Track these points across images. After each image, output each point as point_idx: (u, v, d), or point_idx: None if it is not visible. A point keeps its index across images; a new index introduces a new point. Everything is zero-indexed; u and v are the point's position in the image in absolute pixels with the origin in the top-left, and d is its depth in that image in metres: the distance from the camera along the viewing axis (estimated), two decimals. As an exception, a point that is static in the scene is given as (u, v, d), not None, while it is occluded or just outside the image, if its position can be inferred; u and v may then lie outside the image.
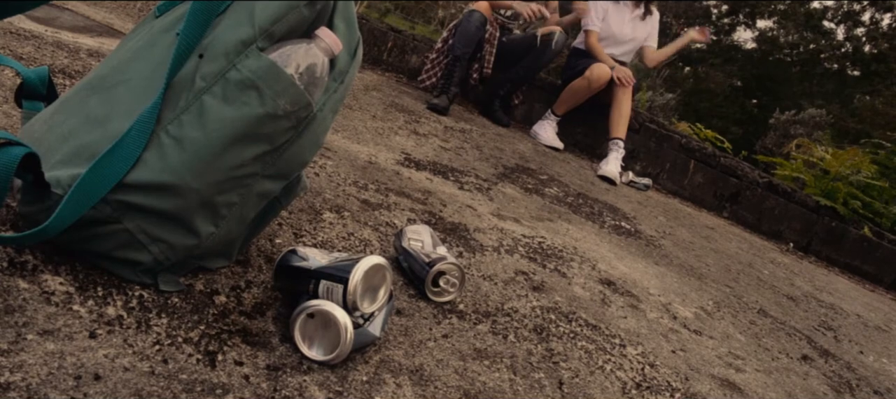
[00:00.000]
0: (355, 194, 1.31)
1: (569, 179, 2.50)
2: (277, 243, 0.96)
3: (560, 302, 1.16)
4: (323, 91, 0.76)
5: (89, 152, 0.69)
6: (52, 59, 1.51)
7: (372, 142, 1.87)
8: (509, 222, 1.55)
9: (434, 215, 1.37)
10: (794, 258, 3.07)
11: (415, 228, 1.05)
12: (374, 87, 2.89)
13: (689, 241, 2.31)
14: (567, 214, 1.89)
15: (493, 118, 3.29)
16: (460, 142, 2.39)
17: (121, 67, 0.78)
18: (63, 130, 0.75)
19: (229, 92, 0.69)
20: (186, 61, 0.71)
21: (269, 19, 0.71)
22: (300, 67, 0.71)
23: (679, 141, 3.53)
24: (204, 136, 0.68)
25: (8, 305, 0.61)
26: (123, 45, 0.84)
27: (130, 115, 0.71)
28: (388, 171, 1.60)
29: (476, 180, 1.86)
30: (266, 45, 0.71)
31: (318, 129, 0.76)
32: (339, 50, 0.75)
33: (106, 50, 1.81)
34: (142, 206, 0.68)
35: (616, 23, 3.35)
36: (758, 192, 3.48)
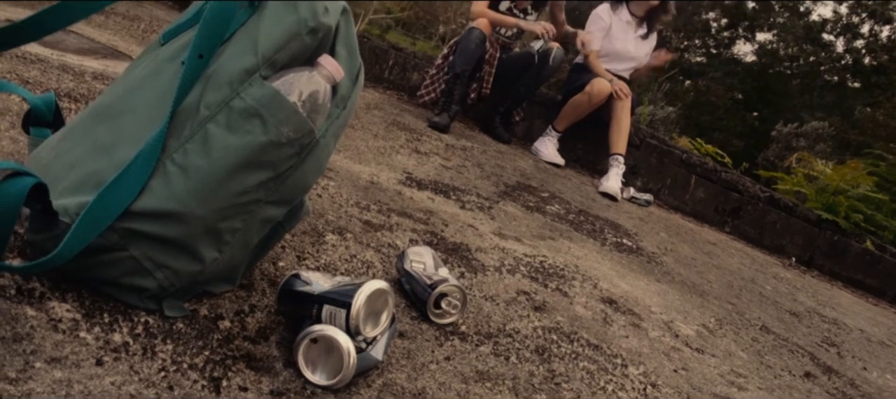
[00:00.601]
0: (357, 215, 1.32)
1: (570, 196, 2.50)
2: (281, 266, 0.96)
3: (562, 322, 1.16)
4: (325, 117, 0.77)
5: (96, 180, 0.70)
6: (57, 83, 1.53)
7: (374, 161, 1.88)
8: (511, 241, 1.56)
9: (436, 235, 1.38)
10: (796, 273, 3.07)
11: (417, 250, 1.06)
12: (375, 106, 2.91)
13: (690, 257, 2.31)
14: (568, 232, 1.90)
15: (493, 135, 3.30)
16: (461, 160, 2.40)
17: (126, 96, 0.80)
18: (70, 158, 0.76)
19: (233, 120, 0.70)
20: (191, 90, 0.72)
21: (272, 48, 0.73)
22: (303, 95, 0.73)
23: (680, 156, 3.54)
24: (208, 164, 0.69)
25: (16, 333, 0.62)
26: (129, 73, 0.86)
27: (136, 143, 0.72)
28: (389, 191, 1.61)
29: (477, 199, 1.87)
30: (269, 73, 0.73)
31: (320, 154, 0.77)
32: (340, 77, 0.76)
33: (111, 73, 1.83)
34: (147, 233, 0.69)
35: (619, 40, 3.37)
36: (759, 206, 3.49)
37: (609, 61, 3.38)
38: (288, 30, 0.73)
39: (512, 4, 3.30)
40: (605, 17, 3.36)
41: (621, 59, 3.39)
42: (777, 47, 24.00)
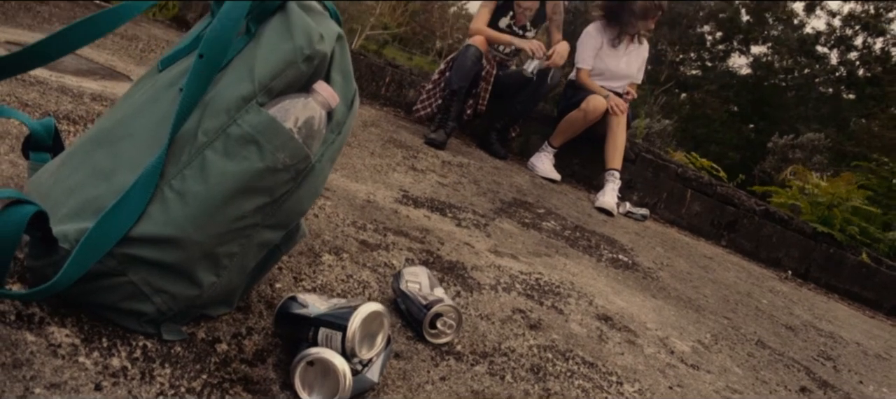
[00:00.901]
0: (354, 235, 1.33)
1: (566, 212, 2.52)
2: (278, 288, 0.97)
3: (557, 340, 1.17)
4: (321, 142, 0.78)
5: (95, 206, 0.72)
6: (56, 105, 1.55)
7: (370, 180, 1.89)
8: (507, 259, 1.57)
9: (432, 254, 1.39)
10: (792, 286, 3.08)
11: (412, 270, 1.07)
12: (372, 123, 2.93)
13: (686, 271, 2.33)
14: (564, 248, 1.91)
15: (490, 151, 3.32)
16: (458, 177, 2.41)
17: (125, 121, 0.81)
18: (69, 184, 0.78)
19: (230, 147, 0.71)
20: (189, 116, 0.74)
21: (268, 75, 0.74)
22: (299, 121, 0.74)
23: (675, 170, 3.56)
24: (206, 190, 0.70)
25: (16, 359, 0.63)
26: (128, 99, 0.87)
27: (135, 169, 0.73)
28: (386, 209, 1.62)
29: (473, 216, 1.88)
30: (265, 99, 0.74)
31: (316, 179, 0.78)
32: (335, 103, 0.78)
33: (109, 93, 1.84)
34: (146, 258, 0.70)
35: (611, 57, 3.40)
36: (755, 219, 3.51)
37: (603, 79, 3.41)
38: (284, 57, 0.74)
39: (511, 22, 3.33)
40: (596, 35, 3.39)
41: (613, 76, 3.42)
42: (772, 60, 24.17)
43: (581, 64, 3.41)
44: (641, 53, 3.48)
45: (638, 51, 3.46)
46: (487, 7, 3.29)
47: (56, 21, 2.80)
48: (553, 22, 3.40)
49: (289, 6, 0.78)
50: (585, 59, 3.40)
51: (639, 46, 3.45)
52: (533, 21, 3.39)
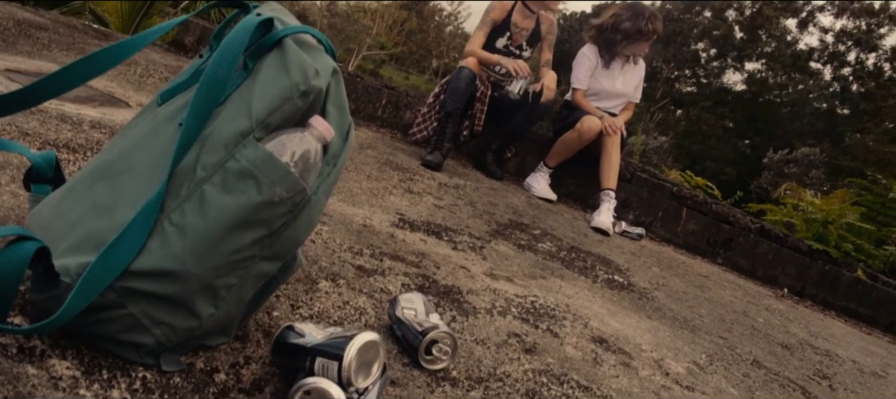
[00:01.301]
0: (350, 260, 1.35)
1: (562, 233, 2.54)
2: (275, 316, 0.99)
3: (552, 364, 1.18)
4: (317, 175, 0.80)
5: (96, 240, 0.73)
6: (56, 134, 1.56)
7: (367, 203, 1.91)
8: (502, 282, 1.58)
9: (428, 279, 1.40)
10: (789, 304, 3.09)
11: (408, 296, 1.08)
12: (369, 145, 2.96)
13: (682, 291, 2.34)
14: (560, 270, 1.92)
15: (486, 172, 3.35)
16: (454, 198, 2.43)
17: (126, 155, 0.83)
18: (71, 217, 0.79)
19: (228, 181, 0.73)
20: (188, 151, 0.76)
21: (265, 111, 0.76)
22: (295, 155, 0.76)
23: (670, 189, 3.58)
24: (205, 223, 0.72)
25: (18, 392, 0.64)
26: (128, 132, 0.89)
27: (135, 203, 0.75)
28: (382, 233, 1.63)
29: (469, 239, 1.90)
30: (263, 134, 0.76)
31: (312, 211, 0.80)
32: (331, 137, 0.80)
33: (108, 121, 1.86)
34: (146, 291, 0.72)
35: (606, 78, 3.43)
36: (750, 237, 3.52)
37: (598, 99, 3.45)
38: (280, 93, 0.77)
39: (508, 42, 3.38)
40: (591, 56, 3.43)
41: (609, 96, 3.45)
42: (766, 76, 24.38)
43: (576, 84, 3.45)
44: (637, 73, 3.51)
45: (634, 70, 3.49)
46: (484, 28, 3.33)
47: (55, 47, 2.83)
48: (546, 41, 3.45)
49: (285, 42, 0.81)
50: (581, 79, 3.43)
51: (634, 66, 3.48)
52: (529, 40, 3.43)
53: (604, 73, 3.44)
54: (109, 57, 0.86)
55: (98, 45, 3.26)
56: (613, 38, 3.34)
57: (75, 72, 0.85)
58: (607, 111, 3.44)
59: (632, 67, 3.46)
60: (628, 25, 3.28)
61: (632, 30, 3.28)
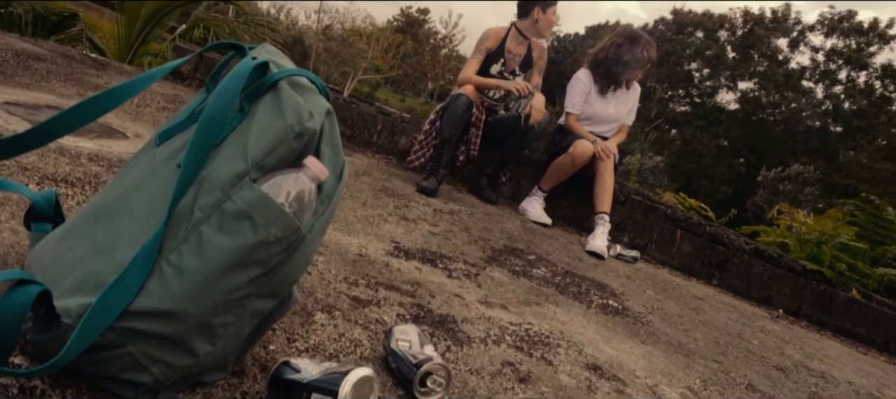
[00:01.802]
0: (346, 291, 1.36)
1: (556, 257, 2.55)
2: (271, 350, 1.00)
3: (546, 392, 1.20)
4: (311, 214, 0.82)
5: (96, 281, 0.75)
6: (54, 168, 1.58)
7: (362, 232, 1.93)
8: (497, 310, 1.60)
9: (423, 308, 1.42)
10: (784, 324, 3.10)
11: (402, 328, 1.10)
12: (364, 172, 2.98)
13: (677, 314, 2.35)
14: (554, 296, 1.94)
15: (481, 196, 3.37)
16: (449, 225, 2.45)
17: (125, 197, 0.85)
18: (70, 258, 0.81)
19: (225, 222, 0.75)
20: (186, 193, 0.78)
21: (261, 153, 0.78)
22: (290, 195, 0.78)
23: (664, 211, 3.61)
24: (202, 264, 0.74)
25: (18, 435, 0.65)
26: (127, 172, 0.91)
27: (134, 244, 0.77)
28: (378, 263, 1.65)
29: (464, 266, 1.92)
30: (258, 175, 0.78)
31: (307, 249, 0.82)
32: (325, 176, 0.82)
33: (105, 153, 1.89)
34: (144, 331, 0.73)
35: (599, 103, 3.47)
36: (745, 258, 3.55)
37: (591, 124, 3.48)
38: (276, 136, 0.79)
39: (502, 68, 3.43)
40: (585, 81, 3.47)
41: (602, 121, 3.49)
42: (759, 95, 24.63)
43: (569, 108, 3.49)
44: (631, 96, 3.55)
45: (627, 94, 3.53)
46: (478, 56, 3.39)
47: (53, 78, 2.86)
48: (537, 66, 3.51)
49: (280, 85, 0.83)
50: (574, 104, 3.47)
51: (627, 91, 3.52)
52: (521, 65, 3.48)
53: (597, 98, 3.48)
54: (110, 99, 0.88)
55: (96, 75, 3.30)
56: (611, 69, 3.39)
57: (77, 114, 0.87)
58: (600, 135, 3.48)
59: (625, 92, 3.50)
60: (627, 56, 3.33)
61: (629, 59, 3.33)
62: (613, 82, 3.43)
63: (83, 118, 0.88)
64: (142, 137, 2.28)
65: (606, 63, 3.39)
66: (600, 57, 3.43)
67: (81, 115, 0.88)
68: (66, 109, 0.86)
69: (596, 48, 3.53)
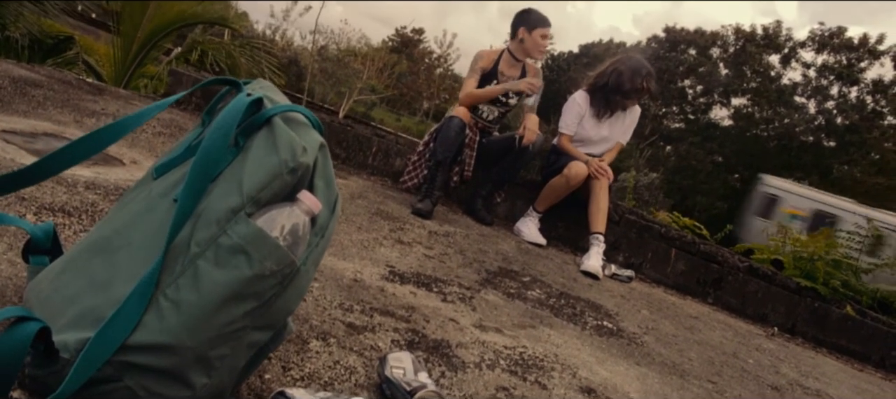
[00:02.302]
0: (341, 318, 1.37)
1: (552, 278, 2.57)
2: (267, 379, 1.01)
3: (540, 417, 1.21)
4: (305, 246, 0.84)
5: (94, 316, 0.76)
6: (52, 197, 1.60)
7: (357, 256, 1.94)
8: (491, 333, 1.61)
9: (417, 333, 1.43)
10: (779, 342, 3.11)
11: (397, 356, 1.11)
12: (359, 195, 3.00)
13: (672, 334, 2.36)
14: (549, 318, 1.95)
15: (476, 217, 3.39)
16: (444, 247, 2.47)
17: (122, 230, 0.86)
18: (68, 292, 0.82)
19: (221, 256, 0.77)
20: (183, 228, 0.79)
21: (255, 188, 0.80)
22: (284, 229, 0.80)
23: (659, 230, 3.63)
24: (198, 298, 0.75)
25: (17, 470, 0.66)
26: (124, 207, 0.93)
27: (132, 279, 0.78)
28: (372, 288, 1.66)
29: (459, 289, 1.93)
30: (253, 210, 0.80)
31: (301, 281, 0.84)
32: (318, 210, 0.84)
33: (102, 180, 1.90)
34: (141, 364, 0.74)
35: (593, 127, 3.50)
36: (739, 276, 3.56)
37: (583, 145, 3.52)
38: (270, 171, 0.81)
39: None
40: (581, 103, 3.50)
41: (594, 142, 3.52)
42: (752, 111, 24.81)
43: (563, 129, 3.52)
44: (629, 117, 3.56)
45: (624, 116, 3.54)
46: (474, 76, 3.43)
47: (50, 105, 2.88)
48: None
49: (274, 121, 0.85)
50: (568, 125, 3.51)
51: (624, 112, 3.53)
52: None
53: (592, 121, 3.51)
54: (110, 134, 0.90)
55: (92, 101, 3.32)
56: (610, 96, 3.43)
57: (77, 150, 0.89)
58: (593, 155, 3.50)
59: (622, 114, 3.52)
60: (628, 85, 3.37)
61: (630, 89, 3.37)
62: (611, 109, 3.46)
63: (84, 153, 0.90)
64: (138, 164, 2.30)
65: (606, 89, 3.43)
66: (600, 82, 3.46)
67: (82, 150, 0.90)
68: (67, 145, 0.88)
69: (596, 72, 3.56)
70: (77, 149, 0.89)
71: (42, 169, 0.89)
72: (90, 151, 0.90)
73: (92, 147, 0.90)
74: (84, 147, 0.90)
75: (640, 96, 3.45)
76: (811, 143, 24.07)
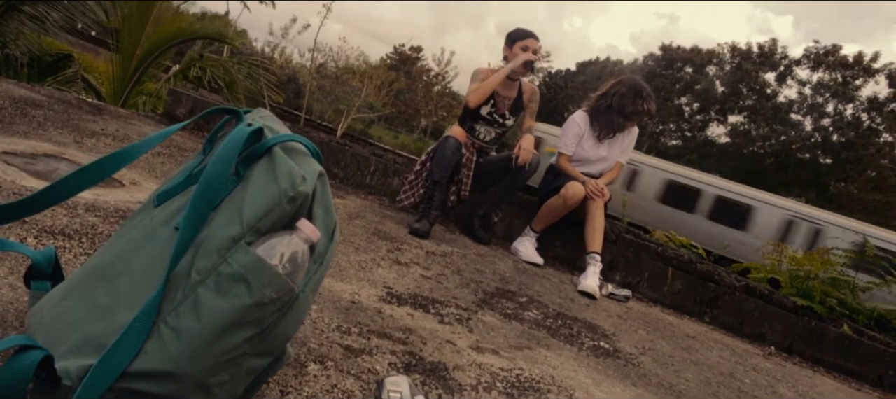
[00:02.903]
0: (338, 340, 1.38)
1: (548, 298, 2.58)
2: (265, 404, 1.02)
3: (536, 440, 1.21)
4: (304, 274, 0.85)
5: (96, 343, 0.78)
6: (52, 220, 1.61)
7: (355, 277, 1.95)
8: (488, 355, 1.62)
9: (414, 356, 1.44)
10: (777, 362, 3.12)
11: (393, 380, 1.12)
12: (357, 215, 3.02)
13: (668, 354, 2.37)
14: (546, 339, 1.96)
15: (473, 237, 3.40)
16: (441, 268, 2.48)
17: (124, 257, 0.88)
18: (71, 318, 0.84)
19: (221, 285, 0.78)
20: (184, 255, 0.81)
21: (255, 217, 0.82)
22: (284, 257, 0.82)
23: (655, 249, 3.65)
24: (199, 326, 0.77)
25: None
26: (126, 233, 0.94)
27: (133, 306, 0.80)
28: (370, 310, 1.68)
29: (456, 311, 1.94)
30: (253, 238, 0.82)
31: (300, 308, 0.85)
32: (317, 238, 0.86)
33: (102, 202, 1.91)
34: (143, 391, 0.76)
35: (592, 148, 3.54)
36: (736, 295, 3.57)
37: (581, 165, 3.54)
38: (270, 200, 0.83)
39: (492, 110, 3.50)
40: (581, 124, 3.54)
41: (592, 162, 3.55)
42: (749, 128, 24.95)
43: (562, 149, 3.56)
44: (628, 138, 3.59)
45: (623, 137, 3.58)
46: (476, 84, 3.48)
47: (50, 125, 2.90)
48: (528, 109, 3.57)
49: (274, 151, 0.87)
50: (567, 145, 3.54)
51: (623, 133, 3.57)
52: (512, 108, 3.55)
53: (592, 142, 3.54)
54: (114, 163, 0.92)
55: (92, 120, 3.34)
56: (612, 118, 3.46)
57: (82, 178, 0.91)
58: (591, 174, 3.52)
59: (621, 135, 3.56)
60: (629, 108, 3.41)
61: (631, 112, 3.42)
62: (611, 130, 3.50)
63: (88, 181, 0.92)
64: (138, 185, 2.31)
65: (607, 112, 3.47)
66: (602, 104, 3.50)
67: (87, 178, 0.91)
68: (72, 173, 0.90)
69: (597, 93, 3.60)
70: (82, 177, 0.90)
71: (46, 197, 0.90)
72: (95, 179, 0.92)
73: (96, 175, 0.92)
74: (88, 175, 0.91)
75: (641, 118, 3.49)
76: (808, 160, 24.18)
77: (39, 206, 0.90)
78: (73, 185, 0.91)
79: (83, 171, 0.91)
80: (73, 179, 0.90)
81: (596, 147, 3.53)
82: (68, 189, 0.90)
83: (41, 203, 0.90)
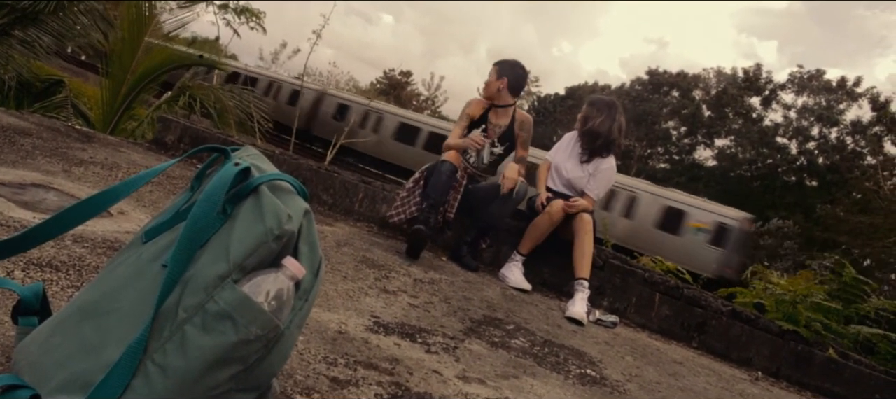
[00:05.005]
0: (325, 372, 1.39)
1: (536, 325, 2.59)
2: (250, 438, 1.03)
3: (520, 471, 1.22)
4: (290, 310, 0.87)
5: (83, 380, 0.79)
6: (39, 252, 1.62)
7: (342, 307, 1.96)
8: (474, 385, 1.63)
9: (401, 387, 1.45)
10: (764, 387, 3.14)
11: (379, 412, 1.13)
12: (345, 242, 3.03)
13: (655, 381, 2.39)
14: (532, 368, 1.98)
15: (461, 264, 3.42)
16: (429, 295, 2.49)
17: (112, 294, 0.89)
18: (58, 356, 0.85)
19: (208, 322, 0.80)
20: (171, 293, 0.83)
21: (242, 255, 0.84)
22: (270, 295, 0.83)
23: (642, 275, 3.68)
24: (185, 363, 0.78)
25: None
26: (114, 270, 0.96)
27: (121, 344, 0.81)
28: (357, 340, 1.69)
29: (443, 340, 1.95)
30: (239, 276, 0.84)
31: (285, 344, 0.87)
32: (302, 275, 0.87)
33: (89, 233, 1.92)
34: (128, 428, 0.77)
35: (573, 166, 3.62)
36: (723, 320, 3.60)
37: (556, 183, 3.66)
38: (256, 238, 0.85)
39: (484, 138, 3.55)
40: (571, 142, 3.71)
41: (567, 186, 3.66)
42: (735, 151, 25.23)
43: (547, 156, 3.70)
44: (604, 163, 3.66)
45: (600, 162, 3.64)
46: (462, 122, 3.55)
47: (39, 154, 2.90)
48: (519, 138, 3.63)
49: (260, 190, 0.89)
50: (551, 154, 3.70)
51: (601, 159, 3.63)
52: (503, 137, 3.61)
53: (574, 161, 3.64)
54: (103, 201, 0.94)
55: (81, 149, 3.35)
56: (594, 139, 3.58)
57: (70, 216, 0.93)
58: (560, 194, 3.60)
59: (599, 160, 3.63)
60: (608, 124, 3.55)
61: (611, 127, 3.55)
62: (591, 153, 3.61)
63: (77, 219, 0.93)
64: (126, 214, 2.32)
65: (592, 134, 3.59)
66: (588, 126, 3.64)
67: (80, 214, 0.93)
68: (65, 210, 0.91)
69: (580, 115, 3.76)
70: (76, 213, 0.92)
71: (39, 234, 0.92)
72: (87, 215, 0.94)
73: (90, 211, 0.94)
74: (81, 211, 0.93)
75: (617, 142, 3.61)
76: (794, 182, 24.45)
77: (31, 243, 0.92)
78: (67, 221, 0.92)
79: (77, 207, 0.92)
80: (68, 215, 0.92)
81: (577, 168, 3.63)
82: (62, 224, 0.92)
83: (32, 240, 0.92)
